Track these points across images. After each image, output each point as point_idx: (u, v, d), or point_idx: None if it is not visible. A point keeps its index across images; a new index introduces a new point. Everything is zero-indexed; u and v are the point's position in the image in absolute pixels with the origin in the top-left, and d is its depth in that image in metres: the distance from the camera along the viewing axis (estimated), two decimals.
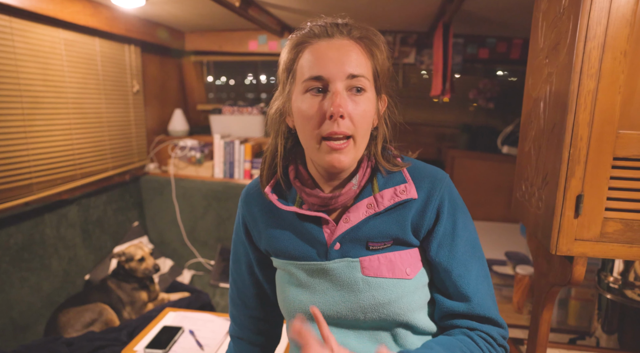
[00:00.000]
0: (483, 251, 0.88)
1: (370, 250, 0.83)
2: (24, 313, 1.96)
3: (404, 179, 0.84)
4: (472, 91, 2.94)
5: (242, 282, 1.01)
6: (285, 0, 2.13)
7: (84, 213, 2.38)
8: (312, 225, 0.86)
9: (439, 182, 0.84)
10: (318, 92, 0.77)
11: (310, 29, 0.80)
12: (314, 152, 0.79)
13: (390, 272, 0.82)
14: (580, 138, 0.98)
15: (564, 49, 1.02)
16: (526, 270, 1.91)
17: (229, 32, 3.03)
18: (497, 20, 2.25)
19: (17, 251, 1.95)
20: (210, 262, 2.89)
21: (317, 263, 0.85)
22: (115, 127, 2.65)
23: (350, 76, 0.75)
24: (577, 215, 1.02)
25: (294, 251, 0.88)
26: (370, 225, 0.83)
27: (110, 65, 2.57)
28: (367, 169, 0.85)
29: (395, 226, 0.82)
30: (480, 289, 0.83)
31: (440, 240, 0.83)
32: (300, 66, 0.79)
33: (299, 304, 0.87)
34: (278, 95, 0.87)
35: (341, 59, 0.75)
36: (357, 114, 0.76)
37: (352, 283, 0.82)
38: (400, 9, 2.19)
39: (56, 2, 1.98)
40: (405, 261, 0.83)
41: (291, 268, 0.89)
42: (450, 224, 0.83)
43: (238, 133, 3.05)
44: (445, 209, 0.83)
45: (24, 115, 1.99)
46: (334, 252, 0.84)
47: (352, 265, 0.83)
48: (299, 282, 0.87)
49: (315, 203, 0.84)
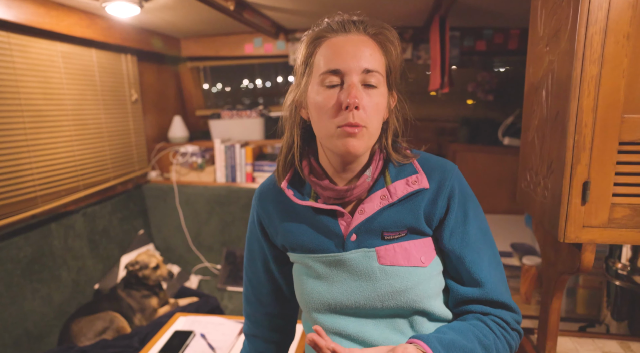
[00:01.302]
0: (492, 236, 0.90)
1: (385, 239, 0.86)
2: (38, 324, 1.97)
3: (415, 170, 0.87)
4: (471, 84, 2.94)
5: (258, 280, 1.04)
6: (280, 2, 2.14)
7: (90, 223, 2.38)
8: (328, 218, 0.88)
9: (449, 172, 0.87)
10: (334, 86, 0.80)
11: (327, 24, 0.83)
12: (329, 140, 0.81)
13: (406, 260, 0.84)
14: (585, 124, 0.98)
15: (564, 35, 1.03)
16: (533, 261, 1.91)
17: (224, 36, 3.03)
18: (493, 11, 2.26)
19: (28, 264, 1.96)
20: (217, 266, 2.89)
21: (334, 255, 0.87)
22: (116, 137, 2.66)
23: (366, 70, 0.78)
24: (584, 202, 1.02)
25: (311, 244, 0.90)
26: (385, 215, 0.86)
27: (108, 75, 2.57)
28: (379, 162, 0.88)
29: (409, 216, 0.85)
30: (493, 274, 0.85)
31: (452, 228, 0.85)
32: (318, 59, 0.82)
33: (317, 296, 0.89)
34: (293, 88, 0.90)
35: (357, 54, 0.78)
36: (370, 107, 0.79)
37: (369, 272, 0.85)
38: (395, 6, 2.19)
39: (52, 16, 1.99)
40: (419, 250, 0.85)
41: (308, 261, 0.91)
42: (462, 212, 0.86)
43: (238, 137, 3.06)
44: (456, 198, 0.85)
45: (25, 129, 2.00)
46: (351, 243, 0.86)
47: (368, 254, 0.85)
48: (317, 274, 0.89)
49: (331, 196, 0.86)
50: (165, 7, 2.17)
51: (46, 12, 1.95)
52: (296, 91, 0.88)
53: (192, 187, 2.88)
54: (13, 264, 1.89)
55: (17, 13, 1.81)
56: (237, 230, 2.84)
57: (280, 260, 1.00)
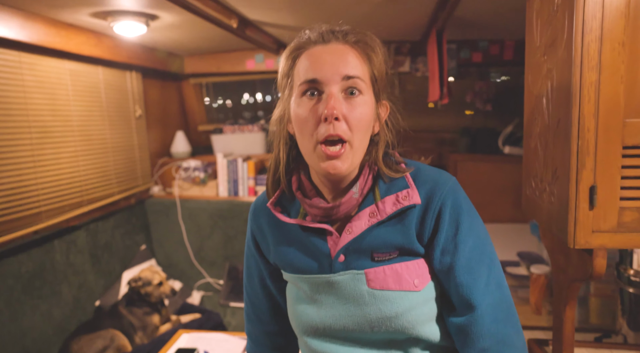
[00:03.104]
0: (497, 258, 0.82)
1: (375, 261, 0.80)
2: (37, 341, 1.95)
3: (406, 184, 0.81)
4: (469, 94, 2.97)
5: (256, 297, 1.01)
6: (281, 19, 2.17)
7: (92, 238, 2.38)
8: (316, 237, 0.84)
9: (440, 185, 0.80)
10: (313, 95, 0.76)
11: (307, 35, 0.81)
12: (311, 157, 0.78)
13: (397, 284, 0.79)
14: (588, 129, 0.99)
15: (561, 44, 1.04)
16: (541, 269, 1.90)
17: (226, 53, 3.08)
18: (489, 24, 2.29)
19: (29, 279, 1.95)
20: (219, 282, 2.88)
21: (322, 276, 0.83)
22: (120, 153, 2.67)
23: (346, 77, 0.75)
24: (592, 207, 1.02)
25: (300, 264, 0.86)
26: (374, 234, 0.80)
27: (113, 92, 2.60)
28: (368, 176, 0.83)
29: (399, 235, 0.80)
30: (489, 299, 0.78)
31: (443, 247, 0.79)
32: (297, 70, 0.79)
33: (306, 318, 0.85)
34: (279, 103, 0.88)
35: (336, 61, 0.76)
36: (353, 117, 0.75)
37: (358, 296, 0.80)
38: (393, 21, 2.23)
39: (62, 35, 2.03)
40: (412, 272, 0.80)
41: (298, 281, 0.88)
42: (453, 229, 0.79)
43: (240, 151, 3.07)
44: (446, 214, 0.79)
45: (32, 145, 2.01)
46: (339, 264, 0.82)
47: (357, 277, 0.80)
48: (306, 296, 0.86)
49: (318, 214, 0.82)
50: (170, 26, 2.21)
51: (56, 32, 2.00)
52: (281, 105, 0.86)
53: (194, 201, 2.88)
54: (14, 280, 1.88)
55: (30, 33, 1.85)
56: (240, 245, 2.83)
57: (276, 276, 0.97)
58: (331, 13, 2.06)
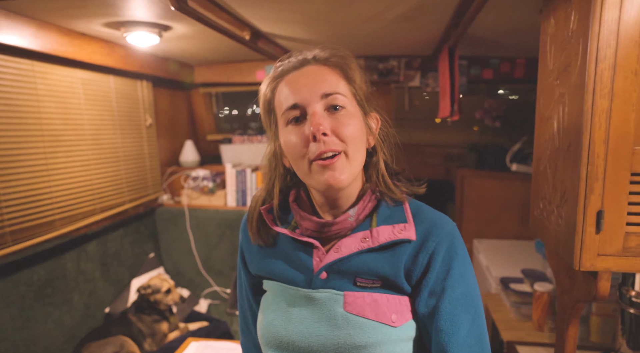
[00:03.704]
0: (482, 312, 0.79)
1: (357, 286, 0.78)
2: (48, 349, 1.97)
3: (404, 219, 0.80)
4: (478, 111, 2.99)
5: (245, 309, 1.01)
6: (294, 32, 2.20)
7: (102, 246, 2.41)
8: (303, 250, 0.83)
9: (439, 227, 0.79)
10: (298, 121, 0.77)
11: (280, 67, 0.82)
12: (309, 177, 0.77)
13: (374, 314, 0.76)
14: (597, 156, 1.01)
15: (575, 70, 1.07)
16: (545, 287, 1.91)
17: (236, 63, 3.11)
18: (501, 42, 2.32)
19: (41, 287, 1.98)
20: (226, 290, 2.90)
21: (301, 290, 0.82)
22: (131, 161, 2.71)
23: (324, 95, 0.76)
24: (598, 231, 1.04)
25: (281, 274, 0.86)
26: (361, 259, 0.79)
27: (124, 101, 2.64)
28: (368, 203, 0.82)
29: (386, 266, 0.78)
30: (466, 351, 0.74)
31: (431, 289, 0.77)
32: (277, 101, 0.80)
33: (273, 329, 0.84)
34: (269, 141, 0.88)
35: (312, 82, 0.76)
36: (342, 130, 0.75)
37: (331, 317, 0.78)
38: (405, 37, 2.26)
39: (75, 45, 2.06)
40: (392, 306, 0.77)
41: (277, 289, 0.87)
42: (443, 272, 0.77)
43: (249, 162, 3.10)
44: (439, 256, 0.77)
45: (45, 154, 2.04)
46: (319, 281, 0.81)
47: (335, 298, 0.79)
48: (279, 306, 0.85)
49: (309, 228, 0.82)
50: (182, 36, 2.24)
51: (69, 41, 2.03)
52: (271, 142, 0.87)
53: (202, 211, 2.91)
54: (27, 287, 1.91)
55: (43, 42, 1.88)
56: None
57: (257, 289, 0.96)
58: (344, 29, 2.09)
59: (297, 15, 1.85)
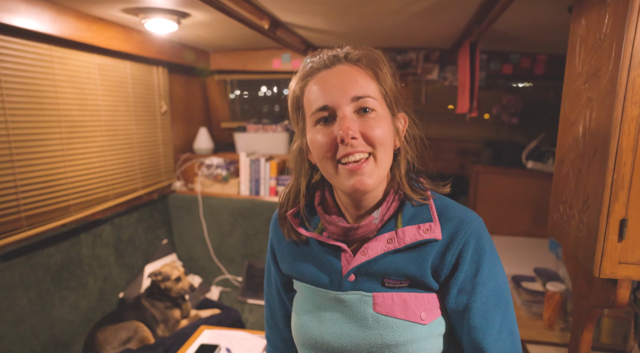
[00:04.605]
0: (512, 307, 0.80)
1: (385, 286, 0.79)
2: (65, 331, 2.01)
3: (430, 217, 0.79)
4: (496, 107, 2.96)
5: (273, 303, 1.03)
6: (313, 22, 2.18)
7: (116, 232, 2.44)
8: (331, 253, 0.84)
9: (466, 225, 0.78)
10: (327, 122, 0.77)
11: (310, 64, 0.81)
12: (335, 179, 0.78)
13: (403, 313, 0.77)
14: (624, 164, 1.00)
15: (605, 75, 1.04)
16: (557, 287, 1.90)
17: (253, 51, 3.09)
18: (523, 37, 2.28)
19: (57, 271, 2.01)
20: (238, 278, 2.92)
21: (331, 292, 0.84)
22: (145, 148, 2.72)
23: (355, 98, 0.75)
24: (620, 239, 1.03)
25: (311, 276, 0.87)
26: (388, 260, 0.79)
27: (140, 87, 2.64)
28: (392, 203, 0.82)
29: (413, 266, 0.78)
30: (499, 347, 0.75)
31: (460, 287, 0.77)
32: (307, 100, 0.80)
33: (307, 330, 0.86)
34: (296, 136, 0.89)
35: (343, 84, 0.76)
36: (371, 133, 0.74)
37: (362, 318, 0.79)
38: (425, 30, 2.22)
39: (92, 30, 2.06)
40: (420, 305, 0.78)
41: (307, 292, 0.88)
42: (472, 270, 0.77)
43: (263, 151, 3.10)
44: (467, 254, 0.77)
45: (62, 139, 2.06)
46: (348, 283, 0.82)
47: (364, 299, 0.80)
48: (311, 308, 0.87)
49: (335, 232, 0.83)
50: (200, 23, 2.23)
51: (87, 26, 2.02)
52: (297, 139, 0.88)
53: (216, 199, 2.92)
54: (44, 271, 1.94)
55: (61, 27, 1.88)
56: (260, 243, 2.87)
57: (288, 286, 0.99)
58: (365, 21, 2.06)
59: (320, 6, 1.82)
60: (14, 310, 1.78)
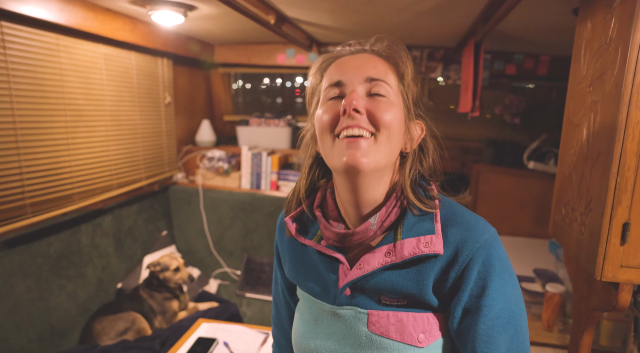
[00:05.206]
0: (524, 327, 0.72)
1: (382, 304, 0.74)
2: (62, 320, 2.02)
3: (432, 229, 0.72)
4: (498, 107, 2.95)
5: (279, 302, 1.02)
6: (318, 18, 2.18)
7: (117, 222, 2.44)
8: (329, 263, 0.80)
9: (474, 238, 0.70)
10: (336, 98, 0.74)
11: (334, 51, 0.80)
12: (331, 155, 0.72)
13: (399, 335, 0.71)
14: (628, 168, 1.00)
15: (610, 79, 1.04)
16: (556, 288, 1.91)
17: (257, 45, 3.08)
18: (527, 38, 2.27)
19: (56, 260, 2.01)
20: (237, 272, 2.93)
21: (326, 305, 0.79)
22: (148, 138, 2.72)
23: (369, 79, 0.72)
24: (623, 242, 1.03)
25: (310, 285, 0.83)
26: (385, 276, 0.73)
27: (145, 78, 2.64)
28: (393, 208, 0.75)
29: (411, 284, 0.71)
30: None
31: (464, 308, 0.70)
32: (324, 81, 0.78)
33: (304, 340, 0.83)
34: (308, 120, 0.85)
35: (360, 65, 0.74)
36: (377, 113, 0.70)
37: (356, 336, 0.74)
38: (431, 28, 2.22)
39: (99, 20, 2.05)
40: (418, 326, 0.72)
41: (307, 301, 0.85)
42: (477, 290, 0.69)
43: (265, 145, 3.10)
44: (473, 272, 0.69)
45: (67, 128, 2.06)
46: (343, 298, 0.77)
47: (359, 316, 0.75)
48: (309, 319, 0.83)
49: (331, 238, 0.77)
50: (207, 17, 2.23)
51: (94, 16, 2.02)
52: (309, 121, 0.84)
53: (216, 192, 2.93)
54: (43, 259, 1.94)
55: (69, 17, 1.88)
56: (259, 238, 2.88)
57: (292, 291, 0.96)
58: (371, 18, 2.06)
59: (327, 3, 1.82)
60: (12, 297, 1.78)
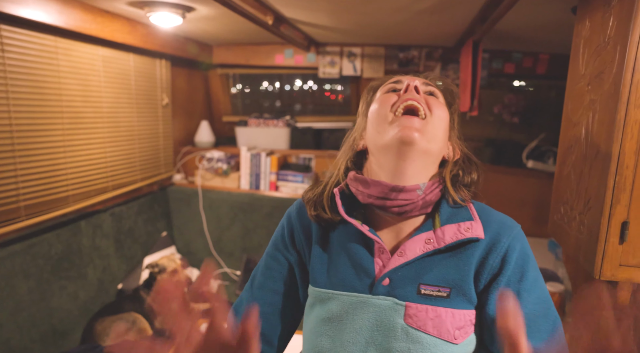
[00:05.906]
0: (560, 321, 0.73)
1: (421, 294, 0.73)
2: (63, 321, 2.02)
3: (470, 216, 0.76)
4: (497, 106, 2.96)
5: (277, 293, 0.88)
6: (317, 18, 2.18)
7: (117, 223, 2.44)
8: (364, 252, 0.78)
9: (509, 228, 0.75)
10: (392, 92, 0.80)
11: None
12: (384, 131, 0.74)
13: (436, 330, 0.71)
14: (627, 166, 1.00)
15: (609, 78, 1.05)
16: (556, 287, 1.91)
17: (256, 46, 3.08)
18: (525, 36, 2.28)
19: (57, 261, 2.01)
20: (236, 272, 2.93)
21: (359, 296, 0.76)
22: (145, 140, 2.72)
23: (426, 83, 0.82)
24: (622, 241, 1.04)
25: (336, 278, 0.79)
26: (427, 263, 0.74)
27: (143, 79, 2.64)
28: (434, 189, 0.76)
29: (454, 271, 0.73)
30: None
31: None
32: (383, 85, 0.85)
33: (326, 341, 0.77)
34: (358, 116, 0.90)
35: (416, 78, 0.81)
36: (432, 105, 0.76)
37: (390, 328, 0.73)
38: (429, 28, 2.22)
39: (98, 22, 2.05)
40: (456, 322, 0.72)
41: (325, 297, 0.79)
42: (517, 276, 0.72)
43: (264, 145, 3.10)
44: (512, 259, 0.72)
45: (64, 130, 2.06)
46: (381, 287, 0.75)
47: (396, 307, 0.73)
48: (330, 316, 0.78)
49: (373, 195, 0.75)
50: (205, 18, 2.23)
51: (93, 18, 2.02)
52: (359, 117, 0.89)
53: (216, 192, 2.93)
54: (44, 260, 1.94)
55: (67, 19, 1.88)
56: (259, 238, 2.88)
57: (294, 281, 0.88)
58: (369, 18, 2.06)
59: (325, 3, 1.82)
60: (14, 299, 1.78)
